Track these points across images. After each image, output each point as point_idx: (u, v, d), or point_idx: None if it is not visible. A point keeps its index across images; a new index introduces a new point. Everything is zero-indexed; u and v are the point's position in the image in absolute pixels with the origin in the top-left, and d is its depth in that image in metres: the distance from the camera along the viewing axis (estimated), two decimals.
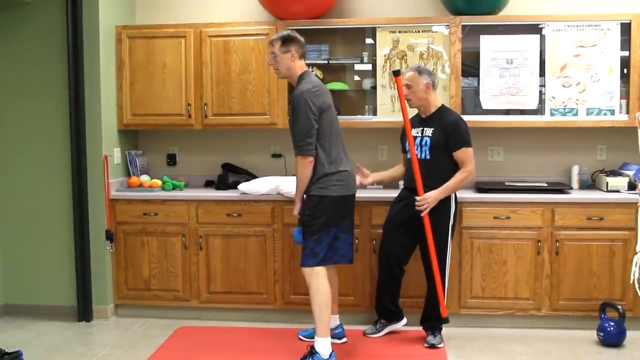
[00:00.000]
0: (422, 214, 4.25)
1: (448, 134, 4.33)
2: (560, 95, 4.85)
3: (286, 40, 4.16)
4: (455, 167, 4.37)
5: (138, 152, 5.52)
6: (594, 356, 4.27)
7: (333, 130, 4.17)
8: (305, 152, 4.06)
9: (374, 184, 4.90)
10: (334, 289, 4.33)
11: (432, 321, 4.45)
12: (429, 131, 4.39)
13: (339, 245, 4.17)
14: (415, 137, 4.41)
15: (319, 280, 4.05)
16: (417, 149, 4.39)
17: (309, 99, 4.04)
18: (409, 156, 4.42)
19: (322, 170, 4.10)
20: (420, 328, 4.54)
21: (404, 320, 4.63)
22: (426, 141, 4.37)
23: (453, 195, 4.42)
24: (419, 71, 4.40)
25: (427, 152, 4.37)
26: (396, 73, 4.27)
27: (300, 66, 4.21)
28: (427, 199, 4.25)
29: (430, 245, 4.25)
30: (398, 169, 4.77)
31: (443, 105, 4.52)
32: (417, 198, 4.26)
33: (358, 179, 4.47)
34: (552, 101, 4.86)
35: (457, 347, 4.42)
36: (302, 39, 4.22)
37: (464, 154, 4.34)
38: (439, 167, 4.34)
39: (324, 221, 4.08)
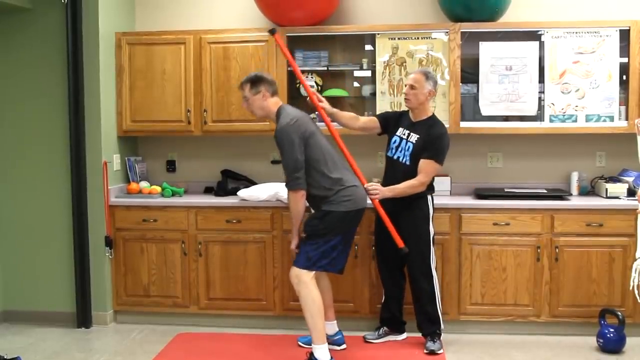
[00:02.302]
0: (371, 196, 4.30)
1: (429, 142, 4.33)
2: (560, 101, 4.85)
3: (255, 82, 4.22)
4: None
5: (137, 158, 5.52)
6: None
7: (326, 153, 4.19)
8: (295, 187, 4.10)
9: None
10: (328, 296, 4.37)
11: (431, 328, 4.46)
12: (414, 137, 4.39)
13: (335, 255, 4.17)
14: (401, 138, 4.45)
15: (308, 288, 4.07)
16: (400, 151, 4.43)
17: (289, 132, 4.07)
18: (388, 154, 4.49)
19: (330, 192, 4.11)
20: (420, 334, 4.53)
21: (404, 335, 4.65)
22: (409, 147, 4.39)
23: (430, 200, 4.46)
24: (427, 76, 4.40)
25: (408, 158, 4.39)
26: (272, 32, 4.40)
27: (274, 103, 4.25)
28: (378, 187, 4.31)
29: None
30: (353, 118, 4.64)
31: (434, 115, 4.52)
32: (368, 185, 4.30)
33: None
34: (552, 107, 4.87)
35: (457, 353, 4.42)
36: (270, 76, 4.29)
37: (428, 166, 4.32)
38: (414, 175, 4.35)
39: (326, 232, 4.10)
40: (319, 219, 4.12)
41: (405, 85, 4.45)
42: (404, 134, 4.44)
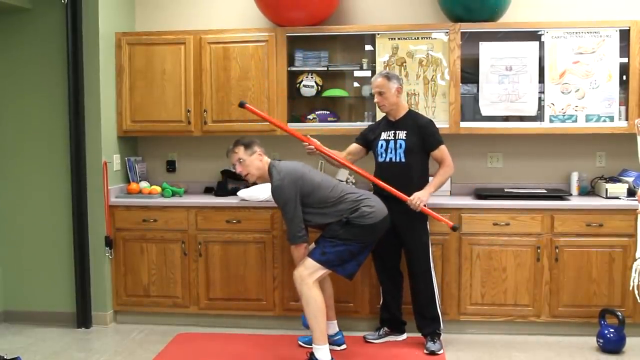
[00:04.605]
0: (420, 209, 4.31)
1: (424, 136, 4.41)
2: (560, 101, 4.85)
3: (247, 144, 4.26)
4: (425, 169, 4.46)
5: (137, 158, 5.52)
6: None
7: (326, 186, 4.19)
8: (297, 242, 4.14)
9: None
10: (328, 296, 4.36)
11: (431, 327, 4.46)
12: (402, 134, 4.43)
13: (349, 260, 4.15)
14: (387, 140, 4.47)
15: (311, 289, 4.06)
16: (390, 152, 4.44)
17: (283, 189, 4.09)
18: (379, 159, 4.49)
19: (349, 211, 4.11)
20: (420, 334, 4.54)
21: (405, 336, 4.65)
22: (400, 144, 4.41)
23: None
24: (388, 77, 4.44)
25: (402, 155, 4.41)
26: (241, 104, 4.52)
27: (266, 162, 4.28)
28: (420, 197, 4.31)
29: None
30: (339, 153, 4.67)
31: (411, 109, 4.60)
32: (410, 199, 4.30)
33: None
34: (552, 108, 4.87)
35: (457, 353, 4.42)
36: (255, 139, 4.34)
37: (442, 152, 4.44)
38: (412, 170, 4.40)
39: (346, 238, 4.10)
40: (340, 225, 4.11)
41: (373, 95, 4.51)
42: (390, 135, 4.47)
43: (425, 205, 4.34)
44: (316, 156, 4.68)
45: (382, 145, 4.49)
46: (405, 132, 4.42)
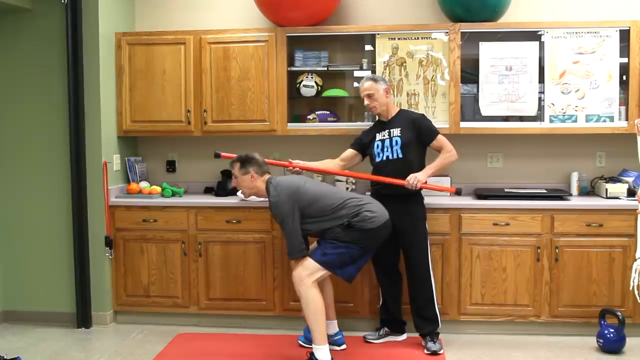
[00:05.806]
0: (418, 187, 4.32)
1: (418, 130, 4.45)
2: (560, 101, 4.85)
3: (244, 162, 4.32)
4: (423, 164, 4.49)
5: (137, 158, 5.52)
6: None
7: (323, 195, 4.20)
8: (297, 257, 4.16)
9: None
10: (328, 296, 4.37)
11: (430, 327, 4.46)
12: (396, 131, 4.46)
13: (350, 263, 4.15)
14: (383, 140, 4.50)
15: (309, 289, 4.06)
16: (386, 150, 4.47)
17: (279, 205, 4.13)
18: (377, 160, 4.52)
19: (351, 216, 4.11)
20: (418, 334, 4.54)
21: (405, 336, 4.65)
22: (396, 141, 4.44)
23: (423, 200, 4.52)
24: (374, 80, 4.52)
25: (399, 151, 4.44)
26: (216, 155, 4.68)
27: (262, 181, 4.32)
28: (416, 176, 4.32)
29: None
30: (332, 162, 4.74)
31: (402, 109, 4.68)
32: (406, 180, 4.31)
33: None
34: (552, 108, 4.87)
35: (457, 354, 4.42)
36: (260, 158, 4.36)
37: (440, 141, 4.47)
38: (410, 165, 4.41)
39: (347, 240, 4.10)
40: (341, 228, 4.11)
41: (363, 99, 4.54)
42: (385, 135, 4.50)
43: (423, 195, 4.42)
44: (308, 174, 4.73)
45: (378, 145, 4.51)
46: (399, 129, 4.45)
